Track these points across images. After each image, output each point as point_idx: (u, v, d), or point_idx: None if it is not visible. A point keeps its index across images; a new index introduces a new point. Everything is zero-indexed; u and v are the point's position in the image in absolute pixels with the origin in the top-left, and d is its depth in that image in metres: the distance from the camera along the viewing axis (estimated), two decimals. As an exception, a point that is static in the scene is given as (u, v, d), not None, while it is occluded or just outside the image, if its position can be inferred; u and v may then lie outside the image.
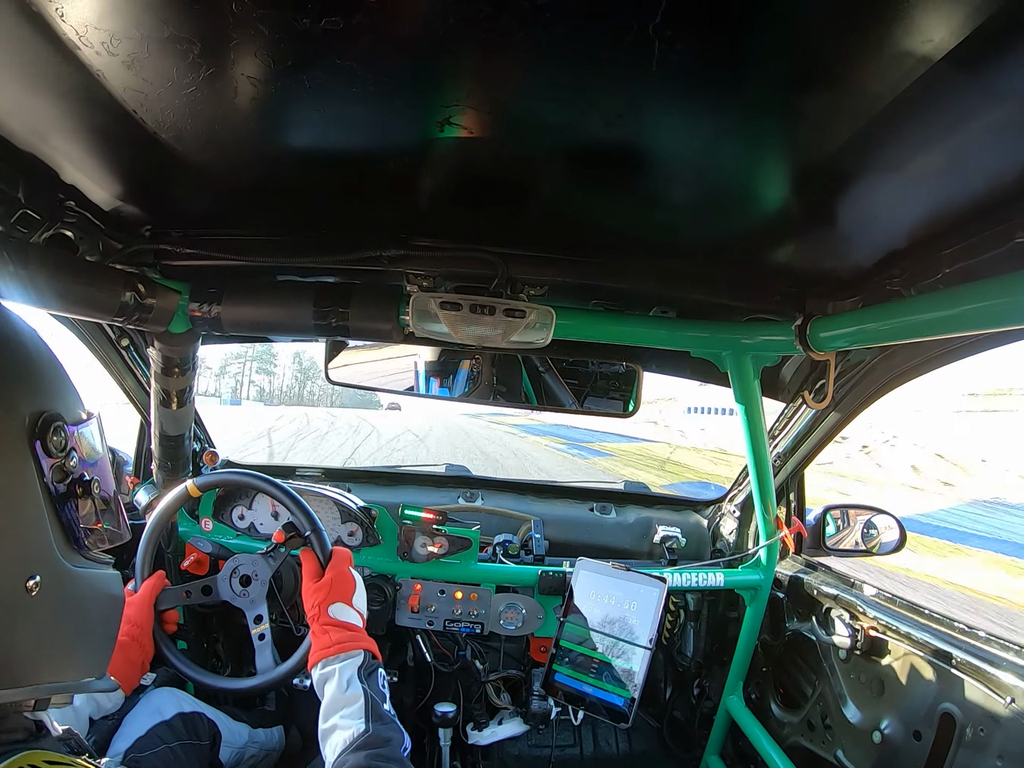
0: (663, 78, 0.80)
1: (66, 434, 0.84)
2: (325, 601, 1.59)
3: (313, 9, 0.71)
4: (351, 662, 1.48)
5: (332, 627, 1.55)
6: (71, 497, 0.85)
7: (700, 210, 1.27)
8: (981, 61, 0.72)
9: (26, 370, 0.84)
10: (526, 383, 2.13)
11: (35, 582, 0.78)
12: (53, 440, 0.81)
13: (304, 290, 1.63)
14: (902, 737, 1.64)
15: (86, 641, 0.91)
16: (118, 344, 2.06)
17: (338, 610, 1.58)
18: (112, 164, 1.23)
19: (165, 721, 1.74)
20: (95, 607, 0.92)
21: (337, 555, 1.73)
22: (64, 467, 0.84)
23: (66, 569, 0.84)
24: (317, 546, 1.75)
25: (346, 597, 1.63)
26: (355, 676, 1.45)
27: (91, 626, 0.92)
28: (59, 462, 0.83)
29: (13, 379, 0.81)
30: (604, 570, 2.02)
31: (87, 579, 0.89)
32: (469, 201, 1.31)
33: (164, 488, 2.25)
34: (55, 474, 0.82)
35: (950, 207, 1.10)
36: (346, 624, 1.57)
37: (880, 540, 2.41)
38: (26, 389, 0.82)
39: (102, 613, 0.95)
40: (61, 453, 0.83)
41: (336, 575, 1.66)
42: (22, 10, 0.72)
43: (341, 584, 1.65)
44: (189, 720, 1.80)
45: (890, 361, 1.76)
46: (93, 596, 0.91)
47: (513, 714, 2.37)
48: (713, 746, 2.51)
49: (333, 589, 1.63)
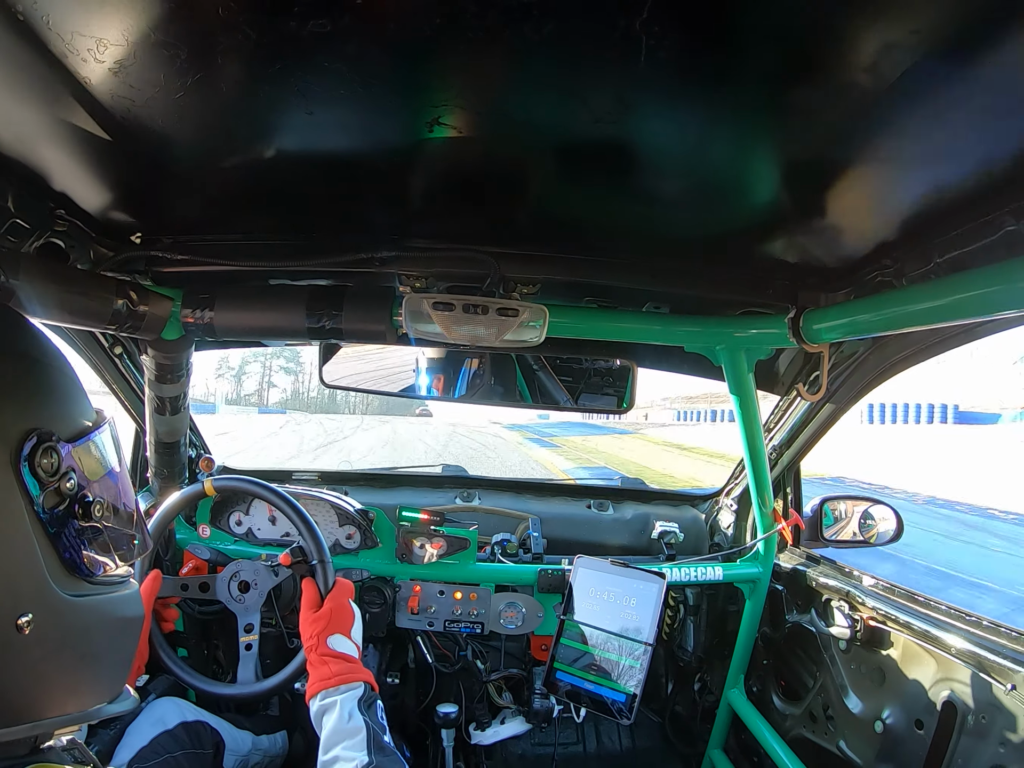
0: (651, 74, 0.80)
1: (59, 455, 0.76)
2: (324, 632, 1.60)
3: (299, 12, 0.70)
4: (352, 694, 1.48)
5: (331, 658, 1.55)
6: (69, 522, 0.78)
7: (691, 205, 1.27)
8: (968, 50, 0.72)
9: (16, 382, 0.77)
10: (520, 382, 2.13)
11: (27, 620, 0.72)
12: (43, 463, 0.74)
13: (297, 294, 1.63)
14: (904, 726, 1.64)
15: (93, 669, 0.86)
16: (111, 352, 2.05)
17: (337, 641, 1.59)
18: (101, 171, 1.22)
19: (168, 730, 1.73)
20: (103, 634, 0.86)
21: (339, 586, 1.74)
22: (60, 490, 0.77)
23: (64, 602, 0.78)
24: (321, 576, 1.75)
25: (345, 629, 1.63)
26: (356, 708, 1.45)
27: (99, 653, 0.86)
28: (53, 486, 0.76)
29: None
30: (603, 567, 2.02)
31: (92, 607, 0.83)
32: (460, 201, 1.31)
33: (161, 495, 2.24)
34: (48, 499, 0.75)
35: (940, 197, 1.10)
36: (344, 655, 1.57)
37: (877, 530, 2.41)
38: (13, 405, 0.75)
39: (113, 638, 0.88)
40: (54, 477, 0.76)
41: (336, 606, 1.67)
42: (8, 17, 0.72)
43: (340, 616, 1.65)
44: (192, 729, 1.80)
45: (883, 352, 1.76)
46: (100, 623, 0.85)
47: (515, 713, 2.37)
48: (716, 740, 2.52)
49: (332, 620, 1.63)
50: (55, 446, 0.76)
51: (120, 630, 0.91)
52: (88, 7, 0.72)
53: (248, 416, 60.39)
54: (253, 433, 35.50)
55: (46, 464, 0.75)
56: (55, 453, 0.76)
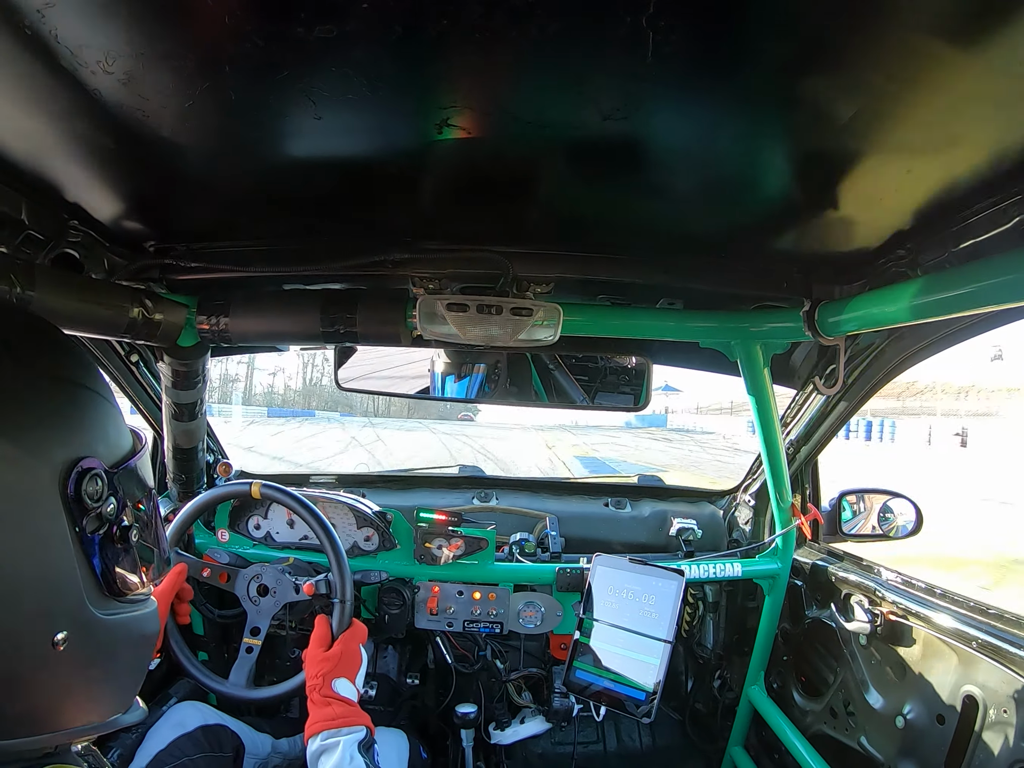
0: (659, 69, 0.79)
1: (103, 482, 0.78)
2: (331, 673, 1.62)
3: (305, 18, 0.70)
4: (354, 736, 1.50)
5: (335, 700, 1.57)
6: (108, 545, 0.80)
7: (703, 200, 1.26)
8: (980, 36, 0.72)
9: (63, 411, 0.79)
10: (536, 381, 2.13)
11: (63, 636, 0.74)
12: (88, 490, 0.75)
13: (311, 298, 1.63)
14: (925, 721, 1.63)
15: (114, 683, 0.88)
16: (128, 360, 2.07)
17: (341, 685, 1.61)
18: (114, 182, 1.23)
19: (187, 733, 1.76)
20: (126, 650, 0.87)
21: (353, 629, 1.76)
22: (101, 514, 0.78)
23: (96, 620, 0.80)
24: (339, 615, 1.78)
25: (351, 674, 1.65)
26: (357, 751, 1.48)
27: (120, 668, 0.88)
28: (95, 511, 0.77)
29: (49, 422, 0.76)
30: (621, 565, 2.02)
31: (120, 625, 0.84)
32: (472, 201, 1.31)
33: (180, 501, 2.26)
34: (90, 524, 0.77)
35: (953, 185, 1.09)
36: (347, 699, 1.59)
37: (897, 524, 2.40)
38: (62, 432, 0.77)
39: (133, 654, 0.90)
40: (97, 502, 0.77)
41: (346, 650, 1.68)
42: (18, 33, 0.72)
43: (349, 660, 1.67)
44: (212, 732, 1.81)
45: (899, 343, 1.75)
46: (124, 640, 0.86)
47: (535, 712, 2.37)
48: (736, 737, 2.51)
49: (341, 663, 1.65)
50: (100, 473, 0.78)
51: (142, 646, 0.93)
52: (94, 21, 0.73)
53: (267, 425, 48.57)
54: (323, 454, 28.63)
55: (91, 491, 0.76)
56: (100, 480, 0.78)
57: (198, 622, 2.30)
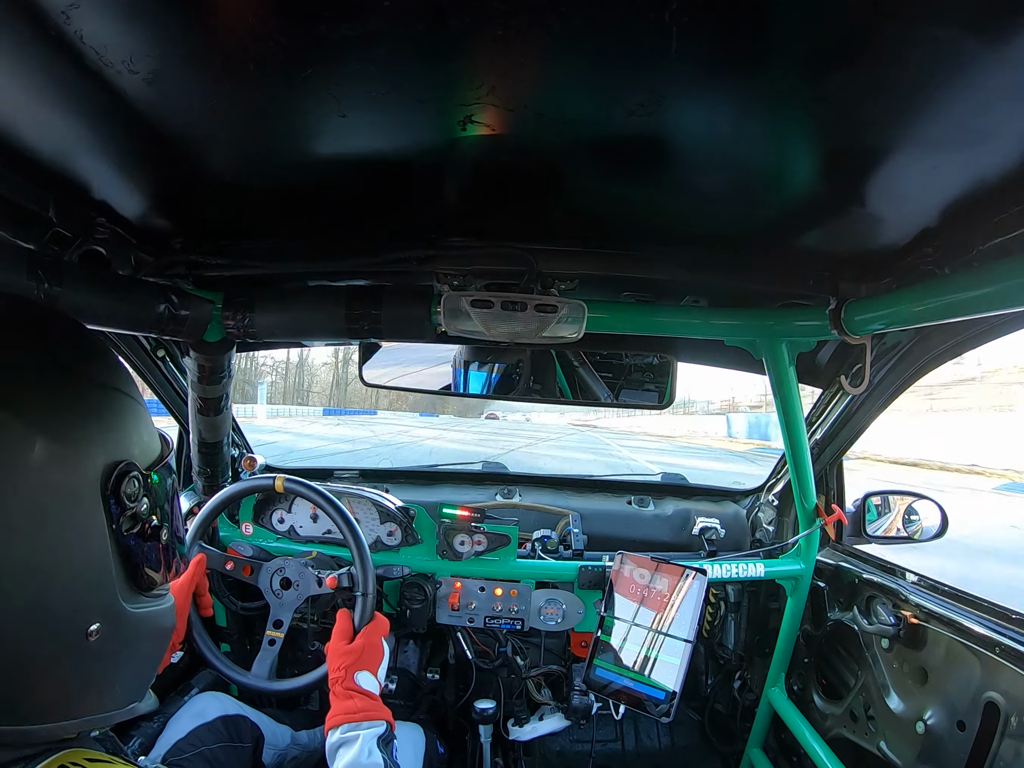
0: (683, 65, 0.79)
1: (139, 483, 0.83)
2: (353, 666, 1.62)
3: (329, 17, 0.71)
4: (373, 731, 1.51)
5: (356, 693, 1.57)
6: (139, 543, 0.85)
7: (728, 196, 1.25)
8: (1008, 29, 0.70)
9: (104, 416, 0.83)
10: (560, 378, 2.13)
11: (95, 628, 0.78)
12: (127, 491, 0.81)
13: (335, 294, 1.64)
14: (946, 727, 1.60)
15: (134, 672, 0.92)
16: (154, 355, 2.10)
17: (364, 678, 1.61)
18: (140, 179, 1.25)
19: (206, 723, 1.78)
20: (146, 642, 0.92)
21: (375, 622, 1.76)
22: (136, 514, 0.83)
23: (125, 613, 0.84)
24: (360, 608, 1.78)
25: (373, 667, 1.65)
26: (375, 745, 1.48)
27: (140, 659, 0.92)
28: (131, 511, 0.82)
29: (91, 425, 0.80)
30: (643, 563, 2.01)
31: (143, 618, 0.89)
32: (495, 198, 1.31)
33: (205, 495, 2.29)
34: (126, 523, 0.82)
35: (981, 181, 1.07)
36: (369, 693, 1.59)
37: (922, 526, 2.37)
38: (103, 435, 0.82)
39: (152, 645, 0.95)
40: (133, 502, 0.82)
41: (369, 643, 1.69)
42: (45, 34, 0.73)
43: (371, 653, 1.67)
44: (231, 722, 1.84)
45: (926, 342, 1.73)
46: (146, 632, 0.91)
47: (554, 709, 2.37)
48: (755, 739, 2.49)
49: (363, 656, 1.65)
50: (137, 475, 0.83)
51: (160, 638, 0.97)
52: (119, 22, 0.74)
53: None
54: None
55: (129, 492, 0.81)
56: (136, 481, 0.83)
57: (221, 614, 2.33)
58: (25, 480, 0.71)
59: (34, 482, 0.72)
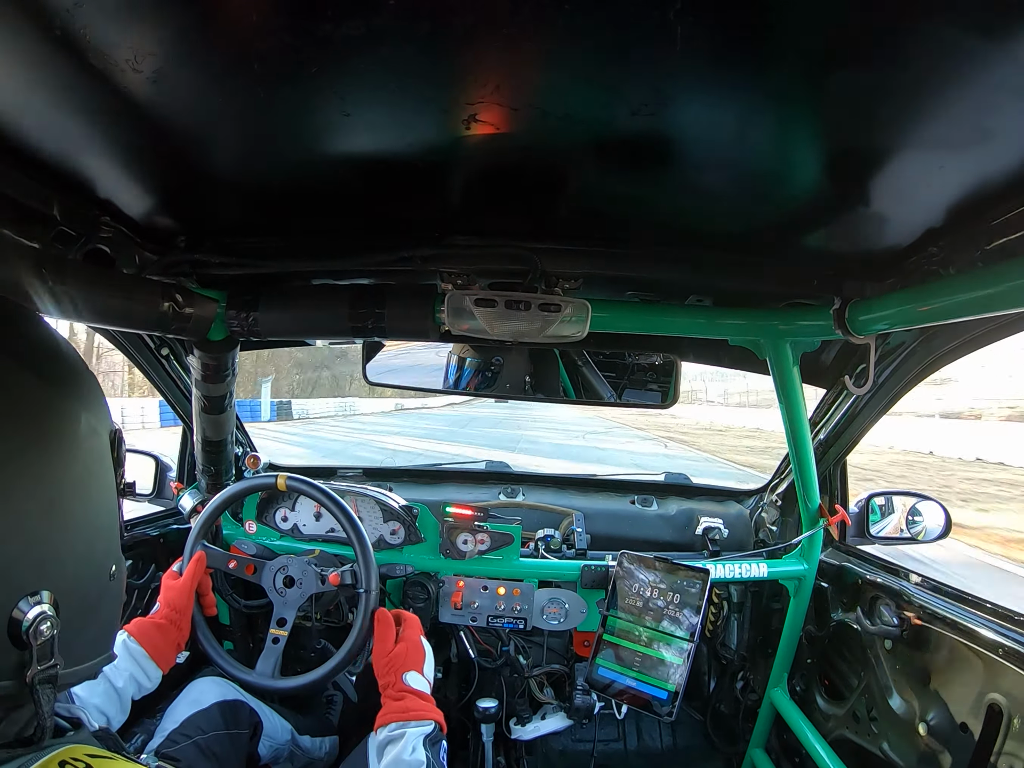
0: (688, 64, 0.79)
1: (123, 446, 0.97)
2: (401, 668, 1.65)
3: (333, 15, 0.71)
4: (421, 730, 1.52)
5: (408, 693, 1.60)
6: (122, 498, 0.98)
7: (732, 196, 1.24)
8: (1015, 29, 0.70)
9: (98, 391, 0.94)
10: (564, 377, 2.13)
11: (115, 569, 0.92)
12: (120, 451, 0.95)
13: (339, 293, 1.64)
14: (948, 729, 1.60)
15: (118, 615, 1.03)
16: (158, 354, 2.10)
17: (413, 678, 1.63)
18: (144, 178, 1.24)
19: (202, 710, 1.77)
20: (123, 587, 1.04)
21: (409, 623, 1.79)
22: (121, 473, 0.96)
23: (123, 559, 0.97)
24: (363, 605, 1.81)
25: (418, 666, 1.68)
26: (421, 744, 1.49)
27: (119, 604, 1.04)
28: (122, 467, 0.96)
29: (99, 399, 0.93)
30: (647, 563, 2.01)
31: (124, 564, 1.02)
32: (499, 197, 1.30)
33: (209, 493, 2.30)
34: (118, 479, 0.95)
35: (986, 182, 1.06)
36: (420, 692, 1.61)
37: (925, 526, 2.37)
38: (103, 407, 0.94)
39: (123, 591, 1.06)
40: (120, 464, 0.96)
41: (410, 645, 1.71)
42: (49, 32, 0.73)
43: (415, 652, 1.71)
44: (228, 708, 1.83)
45: (931, 343, 1.72)
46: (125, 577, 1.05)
47: (556, 708, 2.37)
48: (758, 739, 2.49)
49: (409, 657, 1.68)
50: (122, 437, 0.96)
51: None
52: (123, 21, 0.73)
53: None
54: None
55: (121, 452, 0.96)
56: (122, 444, 0.97)
57: (224, 612, 2.33)
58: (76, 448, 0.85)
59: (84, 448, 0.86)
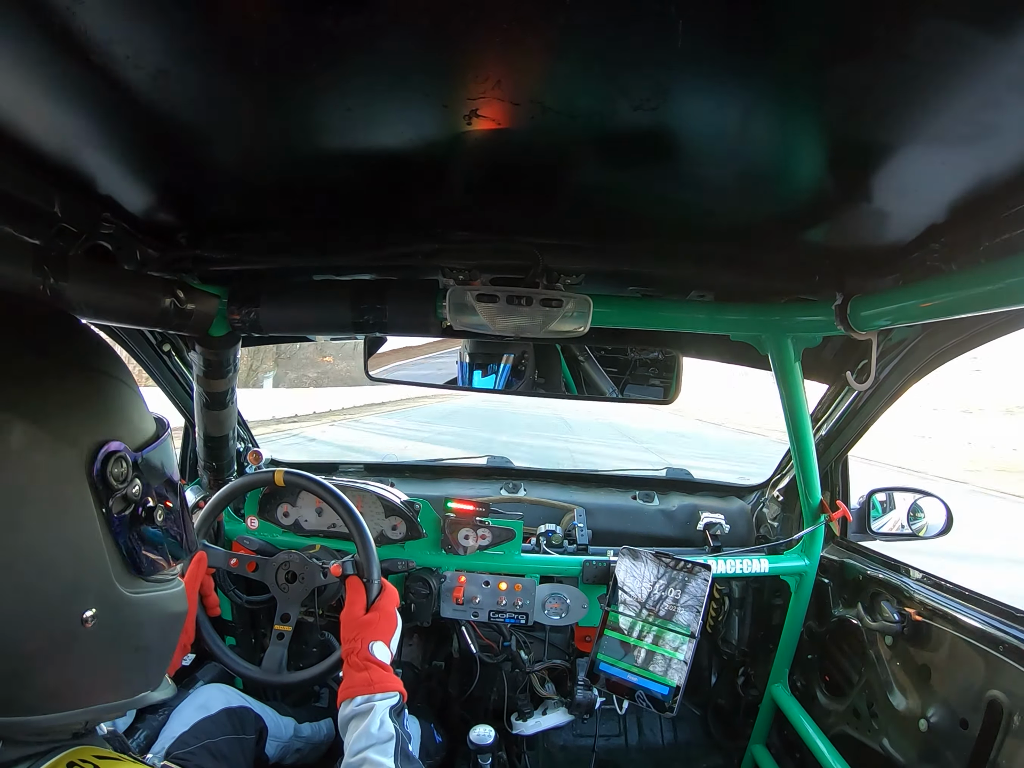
0: (689, 58, 0.78)
1: (128, 464, 0.81)
2: (368, 637, 1.62)
3: (334, 10, 0.70)
4: (387, 702, 1.50)
5: (372, 664, 1.57)
6: (133, 525, 0.83)
7: (734, 191, 1.24)
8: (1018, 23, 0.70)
9: (89, 396, 0.82)
10: (566, 373, 2.13)
11: (91, 614, 0.77)
12: (114, 472, 0.79)
13: (341, 289, 1.65)
14: (948, 725, 1.60)
15: (143, 660, 0.91)
16: (160, 350, 2.10)
17: (378, 648, 1.61)
18: (145, 175, 1.24)
19: (210, 716, 1.78)
20: (154, 628, 0.90)
21: (386, 593, 1.76)
22: (126, 496, 0.81)
23: (124, 598, 0.83)
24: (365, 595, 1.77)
25: (387, 637, 1.65)
26: (388, 715, 1.47)
27: (148, 646, 0.90)
28: (121, 493, 0.80)
29: (74, 407, 0.79)
30: (648, 558, 2.02)
31: (146, 603, 0.87)
32: (501, 192, 1.30)
33: (211, 489, 2.30)
34: (116, 504, 0.80)
35: (989, 177, 1.06)
36: (382, 663, 1.59)
37: (927, 523, 2.36)
38: (87, 417, 0.80)
39: (162, 631, 0.93)
40: (123, 484, 0.80)
41: (383, 615, 1.69)
42: (50, 29, 0.73)
43: (386, 623, 1.68)
44: (235, 714, 1.84)
45: (933, 339, 1.72)
46: (152, 619, 0.89)
47: (558, 704, 2.37)
48: (758, 735, 2.49)
49: (379, 627, 1.65)
50: (124, 456, 0.81)
51: (169, 624, 0.95)
52: (122, 18, 0.73)
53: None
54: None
55: (116, 473, 0.79)
56: (124, 462, 0.81)
57: (226, 608, 2.33)
58: (5, 462, 0.70)
59: (14, 464, 0.71)
